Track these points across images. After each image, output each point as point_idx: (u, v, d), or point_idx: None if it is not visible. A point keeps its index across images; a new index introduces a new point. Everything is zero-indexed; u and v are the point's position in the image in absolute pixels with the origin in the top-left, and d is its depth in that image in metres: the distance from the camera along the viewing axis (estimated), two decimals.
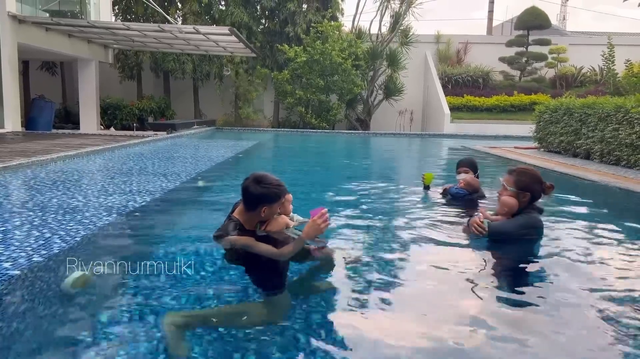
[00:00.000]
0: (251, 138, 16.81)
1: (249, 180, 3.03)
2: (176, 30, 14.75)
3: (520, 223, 3.60)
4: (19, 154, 8.20)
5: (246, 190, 3.04)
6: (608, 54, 13.82)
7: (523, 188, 3.63)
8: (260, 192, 3.00)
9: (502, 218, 3.70)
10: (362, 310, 2.59)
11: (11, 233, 3.77)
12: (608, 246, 3.89)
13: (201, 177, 7.29)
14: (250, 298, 2.75)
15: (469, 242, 3.70)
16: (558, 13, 45.33)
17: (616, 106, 9.26)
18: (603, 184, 7.12)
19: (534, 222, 3.63)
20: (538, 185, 3.67)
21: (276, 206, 3.09)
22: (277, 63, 21.56)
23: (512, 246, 3.59)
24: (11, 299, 2.67)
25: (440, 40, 24.81)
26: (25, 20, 13.45)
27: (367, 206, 5.35)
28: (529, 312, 2.59)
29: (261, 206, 3.01)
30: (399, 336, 2.31)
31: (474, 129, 19.64)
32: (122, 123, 19.64)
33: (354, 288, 2.87)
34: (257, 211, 3.04)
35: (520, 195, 3.62)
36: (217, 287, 2.88)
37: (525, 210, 3.64)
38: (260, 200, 3.01)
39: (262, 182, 3.01)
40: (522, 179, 3.67)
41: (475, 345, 2.22)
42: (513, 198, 3.64)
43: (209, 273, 3.06)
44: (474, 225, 3.63)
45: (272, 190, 3.02)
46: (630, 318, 2.47)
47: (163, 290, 2.75)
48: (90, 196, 5.39)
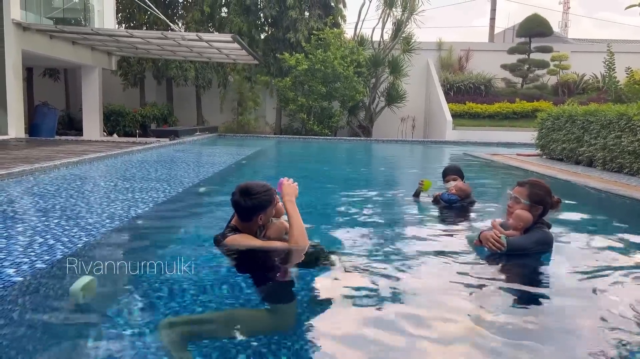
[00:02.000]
0: (253, 144, 16.84)
1: (237, 195, 3.07)
2: (179, 37, 14.83)
3: (537, 239, 3.44)
4: (23, 160, 8.23)
5: (237, 205, 3.08)
6: (609, 61, 13.83)
7: (537, 202, 3.46)
8: (252, 204, 3.05)
9: (515, 232, 3.50)
10: (361, 316, 2.57)
11: (14, 239, 3.78)
12: (610, 253, 3.87)
13: (203, 184, 7.30)
14: (254, 305, 2.74)
15: (469, 250, 3.68)
16: (560, 20, 45.56)
17: (619, 113, 9.26)
18: (605, 191, 7.11)
19: (549, 238, 3.49)
20: (550, 197, 3.51)
21: (270, 210, 3.15)
22: (280, 70, 21.64)
23: (516, 256, 3.54)
24: (14, 306, 2.67)
25: (442, 48, 24.87)
26: (30, 27, 13.55)
27: (365, 214, 5.35)
28: (533, 321, 2.58)
29: (256, 216, 3.06)
30: (398, 342, 2.30)
31: (476, 136, 19.64)
32: (124, 130, 19.71)
33: (353, 294, 2.85)
34: (254, 221, 3.09)
35: (534, 208, 3.46)
36: (221, 294, 2.87)
37: (537, 224, 3.48)
38: (254, 211, 3.06)
39: (250, 194, 3.05)
40: (536, 191, 3.50)
41: (478, 351, 2.21)
42: (527, 211, 3.47)
43: (212, 279, 3.06)
44: (490, 240, 3.41)
45: (262, 198, 3.08)
46: (631, 332, 2.46)
47: (165, 295, 2.74)
48: (93, 202, 5.40)
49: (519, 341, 2.30)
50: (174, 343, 2.20)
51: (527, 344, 2.28)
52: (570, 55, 23.75)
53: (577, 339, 2.39)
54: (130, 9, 21.12)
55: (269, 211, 3.12)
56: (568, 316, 2.64)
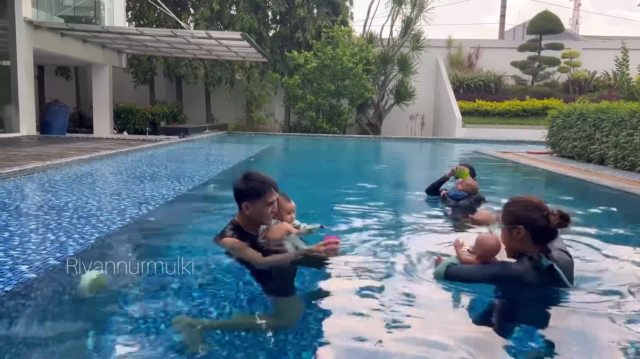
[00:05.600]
0: (262, 142, 16.87)
1: (237, 177, 3.04)
2: (189, 35, 14.87)
3: (492, 274, 2.70)
4: (34, 158, 8.31)
5: (233, 187, 3.05)
6: (622, 59, 13.67)
7: (513, 222, 2.69)
8: (241, 188, 3.00)
9: (473, 259, 2.84)
10: (364, 317, 2.56)
11: (27, 236, 3.82)
12: (622, 251, 3.83)
13: (213, 181, 7.32)
14: (259, 305, 2.74)
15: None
16: (570, 17, 45.17)
17: (631, 111, 9.16)
18: (618, 190, 7.04)
19: (512, 275, 2.62)
20: (536, 212, 2.67)
21: (260, 204, 2.98)
22: (288, 68, 21.64)
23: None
24: (27, 301, 2.69)
25: (451, 45, 24.73)
26: (41, 26, 13.65)
27: (369, 212, 5.32)
28: (539, 319, 2.56)
29: (243, 202, 2.99)
30: (399, 342, 2.29)
31: (485, 134, 19.53)
32: (134, 128, 19.80)
33: (356, 293, 2.84)
34: (242, 207, 3.01)
35: (513, 231, 2.68)
36: (228, 292, 2.88)
37: (529, 252, 2.66)
38: (241, 196, 3.00)
39: (246, 178, 3.01)
40: (509, 210, 2.75)
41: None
42: (494, 236, 2.83)
43: (220, 277, 3.07)
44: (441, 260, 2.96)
45: (251, 185, 2.98)
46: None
47: (174, 292, 2.76)
48: (104, 199, 5.44)
49: (525, 342, 2.29)
50: (188, 332, 2.22)
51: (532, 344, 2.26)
52: (581, 52, 23.52)
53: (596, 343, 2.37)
54: (140, 6, 21.22)
55: (258, 205, 2.97)
56: (574, 313, 2.61)
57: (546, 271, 2.60)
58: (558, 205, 3.57)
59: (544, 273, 2.59)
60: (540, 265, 2.59)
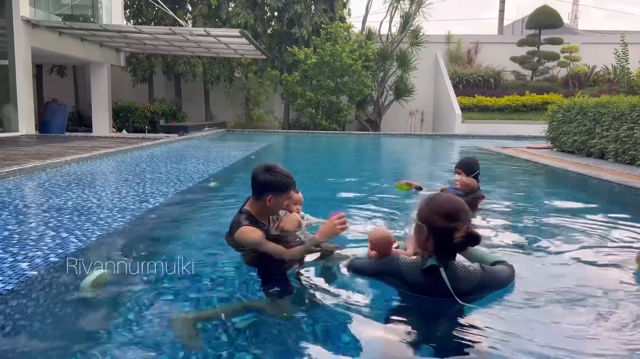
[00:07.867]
0: (262, 139, 16.85)
1: (259, 168, 3.04)
2: (187, 32, 14.84)
3: (377, 267, 2.60)
4: (34, 157, 8.29)
5: (254, 177, 3.04)
6: (621, 53, 13.66)
7: (420, 219, 2.45)
8: (268, 179, 3.00)
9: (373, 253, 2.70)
10: (363, 316, 2.53)
11: (27, 234, 3.81)
12: (623, 248, 3.82)
13: (213, 178, 7.31)
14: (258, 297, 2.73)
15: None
16: (570, 12, 45.27)
17: (631, 105, 9.15)
18: (619, 184, 7.03)
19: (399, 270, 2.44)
20: (443, 221, 2.35)
21: (283, 198, 3.04)
22: (286, 65, 21.61)
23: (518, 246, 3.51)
24: (29, 299, 2.69)
25: (450, 41, 24.70)
26: (39, 24, 13.61)
27: (368, 208, 5.30)
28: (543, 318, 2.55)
29: (267, 194, 2.99)
30: (400, 342, 2.27)
31: (485, 129, 19.52)
32: (134, 126, 19.80)
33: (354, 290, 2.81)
34: (263, 199, 3.02)
35: (420, 228, 2.43)
36: (232, 288, 2.87)
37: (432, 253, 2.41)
38: (266, 187, 3.00)
39: (271, 170, 3.02)
40: (422, 206, 2.48)
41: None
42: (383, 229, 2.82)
43: (222, 275, 3.06)
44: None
45: (279, 178, 3.00)
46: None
47: (175, 290, 2.75)
48: (104, 197, 5.43)
49: (527, 339, 2.28)
50: (185, 330, 2.22)
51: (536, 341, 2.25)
52: (581, 46, 23.50)
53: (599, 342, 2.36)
54: (138, 4, 21.17)
55: (281, 199, 3.01)
56: (576, 306, 2.60)
57: (430, 272, 2.37)
58: (559, 200, 3.56)
59: (429, 274, 2.37)
60: (424, 263, 2.40)
